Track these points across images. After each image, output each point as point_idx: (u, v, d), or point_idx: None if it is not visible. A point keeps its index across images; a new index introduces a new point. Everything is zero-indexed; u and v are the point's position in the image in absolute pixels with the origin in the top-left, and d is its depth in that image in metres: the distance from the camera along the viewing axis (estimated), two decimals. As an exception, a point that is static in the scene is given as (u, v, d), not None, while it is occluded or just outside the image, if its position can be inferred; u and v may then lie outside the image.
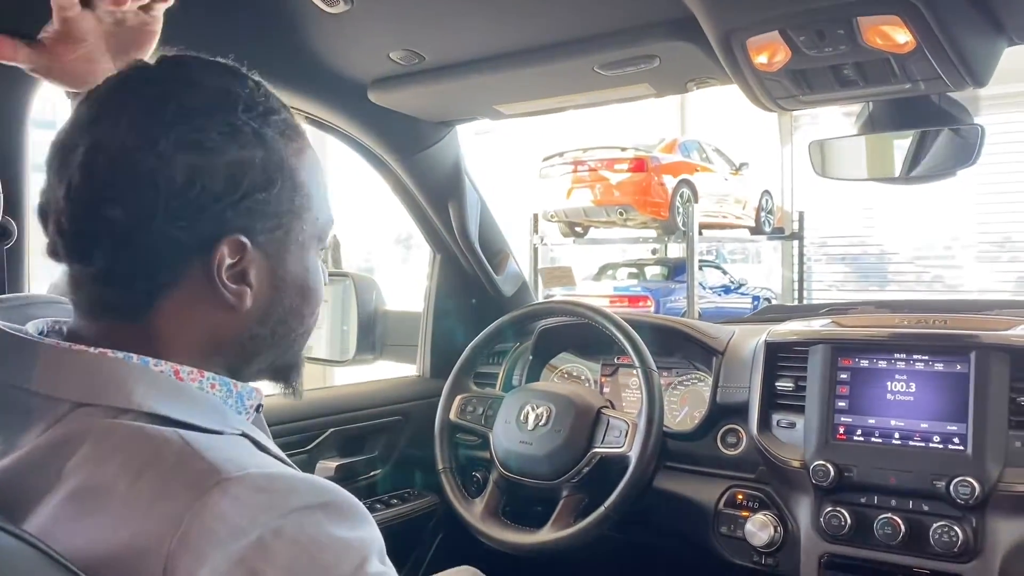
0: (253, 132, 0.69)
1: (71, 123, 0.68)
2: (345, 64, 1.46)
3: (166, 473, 0.60)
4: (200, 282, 0.69)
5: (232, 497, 0.59)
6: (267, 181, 0.70)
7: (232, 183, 0.67)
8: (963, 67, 1.14)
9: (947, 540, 1.30)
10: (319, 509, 0.62)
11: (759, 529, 1.48)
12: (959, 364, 1.39)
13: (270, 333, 0.76)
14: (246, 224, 0.69)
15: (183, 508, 0.58)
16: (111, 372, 0.66)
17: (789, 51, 1.17)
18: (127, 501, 0.59)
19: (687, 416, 1.75)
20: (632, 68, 1.33)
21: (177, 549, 0.56)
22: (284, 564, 0.59)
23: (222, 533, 0.57)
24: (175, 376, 0.69)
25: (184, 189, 0.65)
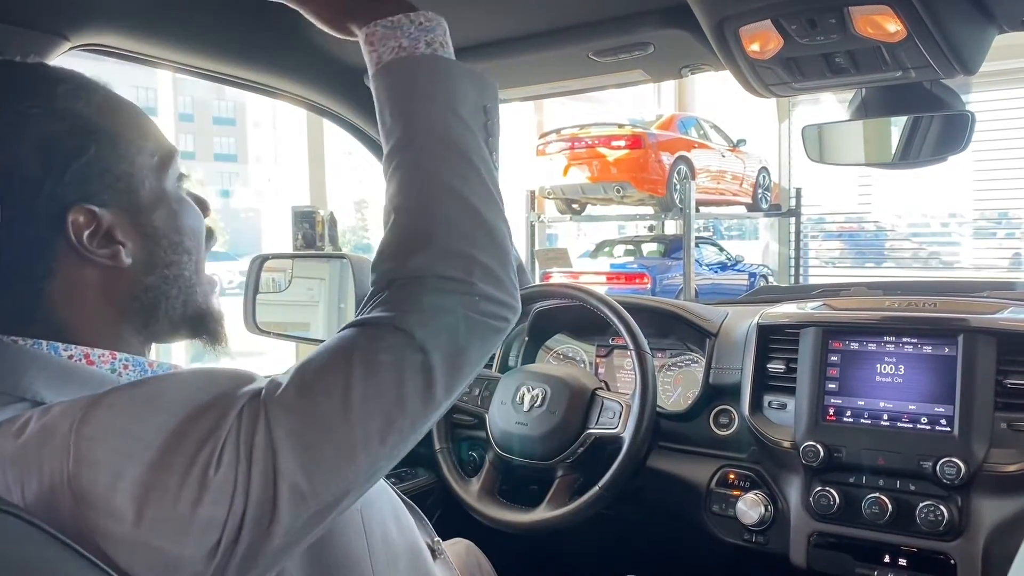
0: (42, 110, 0.70)
1: None
2: (342, 50, 1.46)
3: (47, 418, 0.63)
4: (72, 259, 0.71)
5: (108, 406, 0.62)
6: (79, 147, 0.71)
7: (44, 162, 0.69)
8: (953, 56, 1.15)
9: (933, 519, 1.33)
10: (106, 404, 0.63)
11: (750, 508, 1.51)
12: (947, 347, 1.41)
13: (161, 279, 0.77)
14: (82, 192, 0.71)
15: (66, 434, 0.61)
16: (9, 362, 0.69)
17: (781, 39, 1.18)
18: (20, 459, 0.62)
19: (680, 397, 1.78)
20: (626, 55, 1.34)
21: (74, 470, 0.60)
22: (151, 448, 0.61)
23: (110, 436, 0.61)
24: (85, 360, 0.72)
25: (7, 185, 0.68)
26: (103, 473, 0.60)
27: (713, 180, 9.75)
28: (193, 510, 0.60)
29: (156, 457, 0.61)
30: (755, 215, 11.00)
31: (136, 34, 1.30)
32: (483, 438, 1.69)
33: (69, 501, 0.60)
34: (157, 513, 0.60)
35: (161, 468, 0.61)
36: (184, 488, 0.60)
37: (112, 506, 0.60)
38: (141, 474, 0.60)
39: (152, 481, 0.60)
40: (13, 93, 0.71)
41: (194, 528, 0.60)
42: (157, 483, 0.60)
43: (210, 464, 0.61)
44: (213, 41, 1.37)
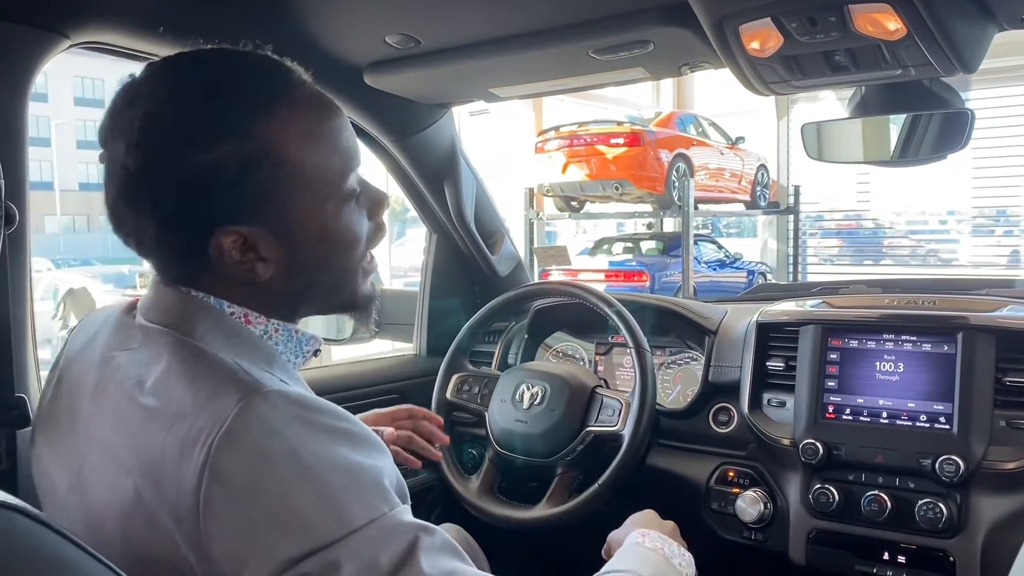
0: (212, 127, 0.74)
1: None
2: (341, 48, 1.46)
3: (217, 382, 0.71)
4: (219, 264, 0.78)
5: (271, 404, 0.69)
6: (243, 169, 0.74)
7: (207, 183, 0.74)
8: (953, 54, 1.15)
9: (932, 516, 1.33)
10: (342, 435, 0.72)
11: (749, 505, 1.51)
12: (946, 345, 1.41)
13: (303, 287, 0.84)
14: (237, 213, 0.76)
15: (230, 407, 0.68)
16: (188, 309, 0.79)
17: (781, 37, 1.18)
18: (183, 403, 0.70)
19: (680, 394, 1.78)
20: (626, 53, 1.34)
21: (220, 440, 0.66)
22: (306, 476, 0.67)
23: (260, 431, 0.67)
24: (244, 320, 0.81)
25: (170, 199, 0.74)
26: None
27: (712, 178, 9.74)
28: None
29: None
30: (754, 213, 10.98)
31: (135, 32, 1.30)
32: (483, 436, 1.69)
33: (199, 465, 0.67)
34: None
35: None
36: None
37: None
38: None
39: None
40: (185, 115, 0.75)
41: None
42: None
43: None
44: (212, 38, 1.36)
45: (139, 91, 0.76)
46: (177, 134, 0.74)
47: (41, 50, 1.18)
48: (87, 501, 0.77)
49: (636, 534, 1.11)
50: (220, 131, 0.74)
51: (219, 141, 0.74)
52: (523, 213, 8.89)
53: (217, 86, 0.76)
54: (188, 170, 0.73)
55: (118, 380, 0.77)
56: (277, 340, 0.84)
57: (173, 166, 0.73)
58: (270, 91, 0.78)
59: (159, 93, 0.75)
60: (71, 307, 7.75)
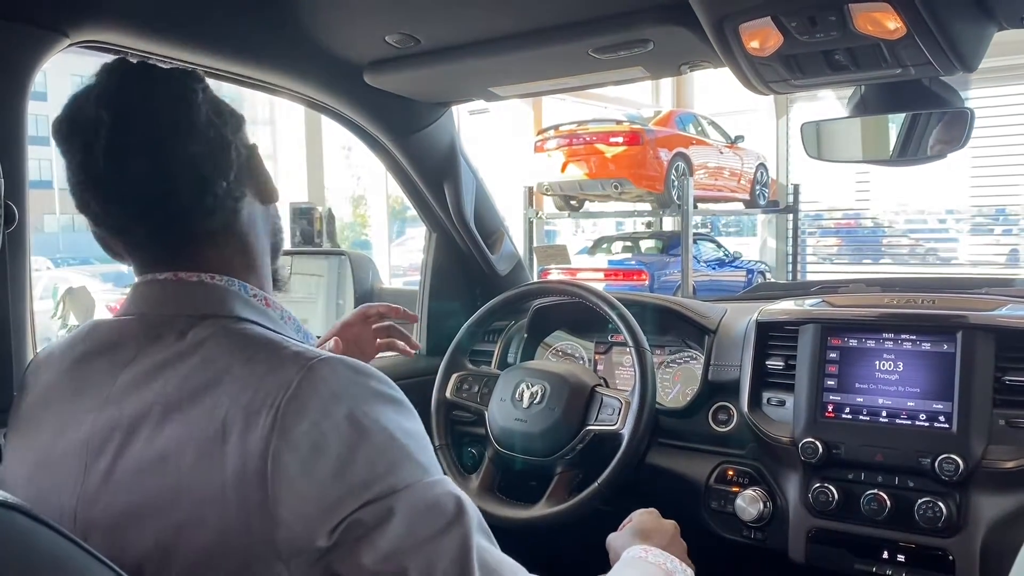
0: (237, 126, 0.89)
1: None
2: (341, 47, 1.46)
3: (274, 355, 0.76)
4: (237, 233, 0.89)
5: (331, 368, 0.75)
6: (248, 150, 0.91)
7: (241, 162, 0.88)
8: (953, 53, 1.15)
9: (931, 515, 1.33)
10: (391, 402, 0.78)
11: (749, 504, 1.51)
12: (946, 344, 1.41)
13: (275, 246, 0.97)
14: (247, 181, 0.91)
15: (293, 374, 0.73)
16: (217, 295, 0.84)
17: (781, 36, 1.18)
18: (242, 378, 0.74)
19: (679, 393, 1.78)
20: (626, 52, 1.34)
21: (287, 403, 0.71)
22: (364, 435, 0.73)
23: (324, 393, 0.73)
24: (264, 303, 0.87)
25: (215, 178, 0.85)
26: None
27: (711, 176, 9.75)
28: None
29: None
30: (753, 211, 11.00)
31: (135, 31, 1.30)
32: (482, 435, 1.69)
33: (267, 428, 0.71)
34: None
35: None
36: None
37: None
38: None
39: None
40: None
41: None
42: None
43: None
44: (212, 37, 1.37)
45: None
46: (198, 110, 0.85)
47: (41, 49, 1.18)
48: (105, 506, 0.76)
49: (639, 548, 1.13)
50: (237, 123, 0.89)
51: (238, 131, 0.89)
52: (522, 212, 8.90)
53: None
54: (238, 148, 0.87)
55: (153, 377, 0.78)
56: (290, 324, 0.90)
57: (231, 145, 0.86)
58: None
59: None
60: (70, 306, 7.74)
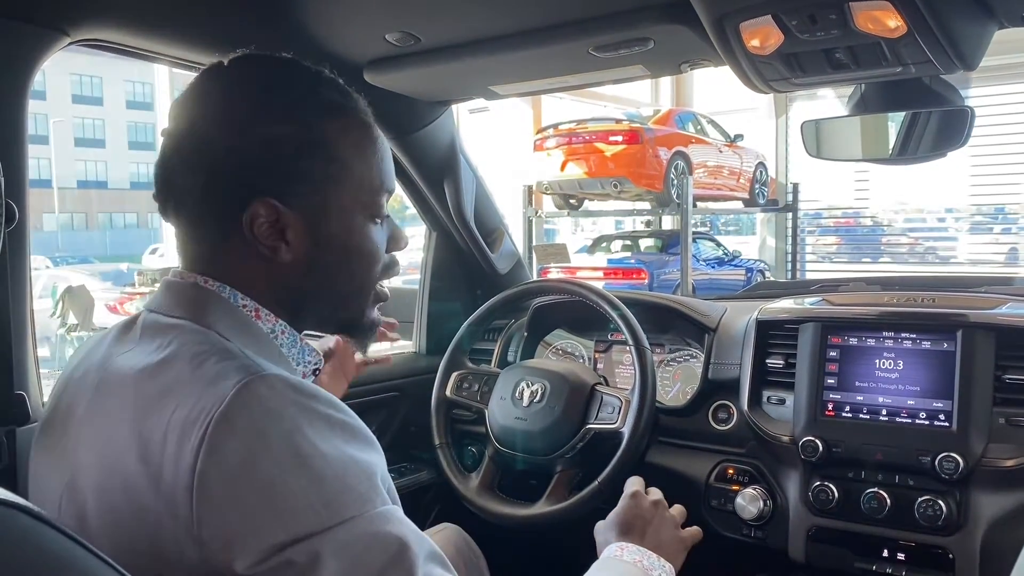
0: (283, 110, 0.82)
1: (170, 119, 0.85)
2: (341, 46, 1.46)
3: (222, 364, 0.73)
4: (244, 237, 0.81)
5: (269, 386, 0.71)
6: (298, 152, 0.82)
7: (263, 154, 0.80)
8: (953, 51, 1.15)
9: (931, 514, 1.33)
10: (339, 425, 0.73)
11: (749, 503, 1.51)
12: (946, 342, 1.42)
13: (316, 285, 0.86)
14: (280, 189, 0.81)
15: (229, 387, 0.70)
16: (201, 299, 0.82)
17: (782, 35, 1.18)
18: (189, 385, 0.72)
19: (679, 392, 1.78)
20: (626, 50, 1.34)
21: (217, 418, 0.68)
22: (300, 460, 0.68)
23: (258, 412, 0.69)
24: (255, 315, 0.84)
25: (225, 159, 0.80)
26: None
27: (710, 175, 9.75)
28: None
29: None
30: (752, 210, 11.00)
31: (135, 29, 1.30)
32: (482, 433, 1.69)
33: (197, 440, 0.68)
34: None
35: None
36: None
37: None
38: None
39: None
40: (269, 86, 0.84)
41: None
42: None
43: None
44: (211, 36, 1.37)
45: (226, 72, 0.85)
46: (253, 106, 0.82)
47: (41, 47, 1.18)
48: (79, 509, 0.78)
49: (615, 547, 1.13)
50: (290, 113, 0.82)
51: (286, 121, 0.81)
52: (522, 211, 8.90)
53: (302, 80, 0.86)
54: (253, 138, 0.80)
55: (121, 374, 0.79)
56: (283, 341, 0.86)
57: (242, 132, 0.80)
58: (342, 103, 0.87)
59: (246, 75, 0.85)
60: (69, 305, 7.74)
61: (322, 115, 0.84)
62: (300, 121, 0.82)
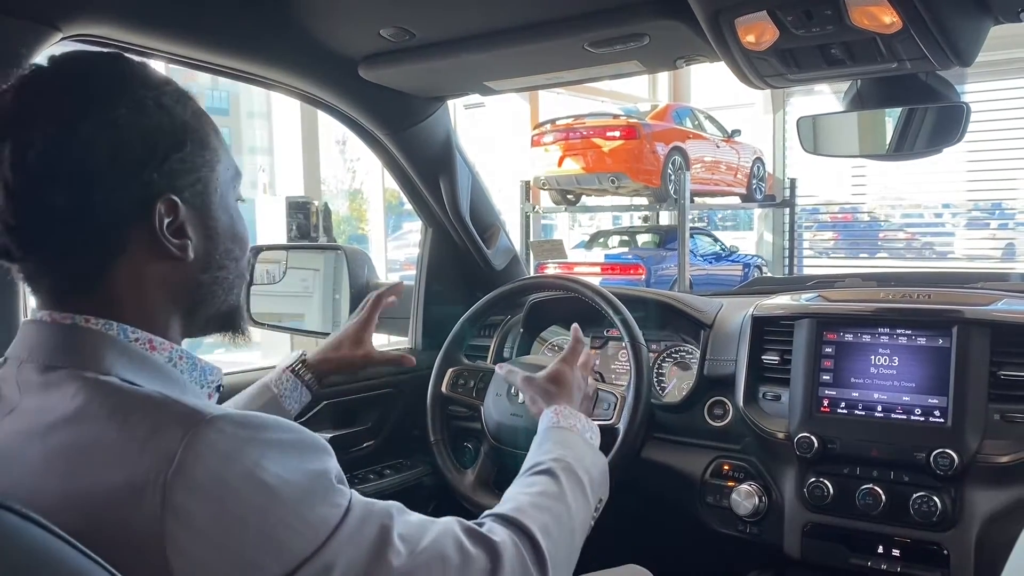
0: (154, 103, 0.77)
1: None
2: (335, 41, 1.46)
3: (153, 417, 0.68)
4: (145, 243, 0.76)
5: (218, 430, 0.67)
6: (178, 143, 0.78)
7: (150, 149, 0.75)
8: (949, 47, 1.15)
9: (926, 510, 1.33)
10: (290, 446, 0.72)
11: (744, 499, 1.51)
12: (941, 338, 1.41)
13: (212, 279, 0.84)
14: (172, 184, 0.77)
15: (175, 443, 0.66)
16: (89, 342, 0.74)
17: (777, 31, 1.18)
18: (118, 445, 0.67)
19: (675, 388, 1.78)
20: (621, 46, 1.34)
21: (173, 479, 0.64)
22: (268, 494, 0.68)
23: (212, 461, 0.66)
24: (149, 347, 0.78)
25: (111, 164, 0.73)
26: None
27: (708, 171, 9.74)
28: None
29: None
30: (750, 206, 11.00)
31: (128, 25, 1.29)
32: (478, 430, 1.69)
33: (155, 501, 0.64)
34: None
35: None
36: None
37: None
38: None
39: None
40: (129, 82, 0.77)
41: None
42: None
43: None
44: (206, 32, 1.36)
45: (67, 72, 0.77)
46: (124, 102, 0.75)
47: (32, 43, 1.17)
48: None
49: (550, 413, 1.20)
50: (158, 104, 0.77)
51: (157, 112, 0.76)
52: (519, 206, 8.90)
53: (145, 72, 0.80)
54: (132, 135, 0.74)
55: (13, 443, 0.70)
56: (183, 368, 0.81)
57: (120, 130, 0.74)
58: (183, 90, 0.82)
59: (96, 71, 0.77)
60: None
61: (179, 102, 0.80)
62: (168, 110, 0.78)
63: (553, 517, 0.94)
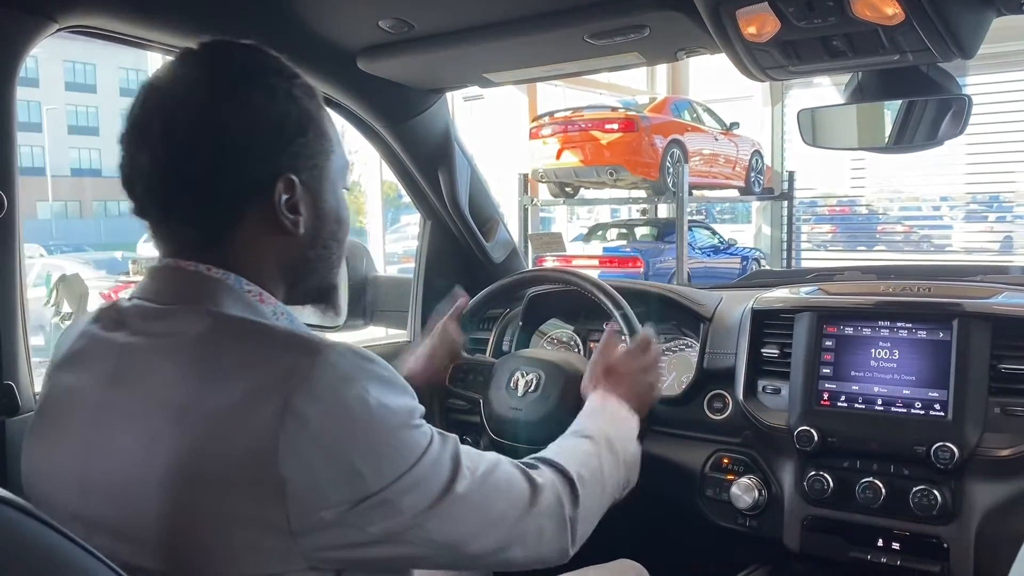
0: (285, 92, 0.86)
1: (141, 105, 0.85)
2: (334, 32, 1.45)
3: (277, 341, 0.80)
4: (263, 214, 0.85)
5: (340, 355, 0.78)
6: (302, 130, 0.87)
7: (278, 133, 0.85)
8: (951, 39, 1.14)
9: (926, 503, 1.33)
10: (390, 382, 0.82)
11: (744, 492, 1.51)
12: (941, 332, 1.41)
13: (316, 256, 0.93)
14: (293, 165, 0.86)
15: (300, 361, 0.76)
16: (208, 287, 0.84)
17: (778, 22, 1.17)
18: (244, 362, 0.77)
19: (674, 381, 1.77)
20: (622, 38, 1.33)
21: (296, 387, 0.74)
22: (371, 418, 0.78)
23: (332, 380, 0.76)
24: (259, 298, 0.87)
25: (245, 142, 0.82)
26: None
27: (706, 163, 9.73)
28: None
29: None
30: (748, 198, 10.99)
31: (123, 15, 1.28)
32: (478, 424, 1.68)
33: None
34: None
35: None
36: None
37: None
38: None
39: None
40: (265, 71, 0.86)
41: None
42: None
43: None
44: (202, 22, 1.35)
45: (212, 57, 0.87)
46: (260, 89, 0.84)
47: (28, 34, 1.16)
48: (102, 497, 0.79)
49: (599, 395, 1.27)
50: (288, 94, 0.86)
51: (287, 101, 0.85)
52: (517, 199, 8.88)
53: (279, 63, 0.89)
54: (264, 120, 0.84)
55: (143, 360, 0.81)
56: (283, 323, 0.89)
57: (255, 114, 0.83)
58: (310, 84, 0.90)
59: (239, 59, 0.86)
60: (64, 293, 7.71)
61: (306, 94, 0.88)
62: (296, 100, 0.86)
63: (589, 471, 1.05)
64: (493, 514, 0.88)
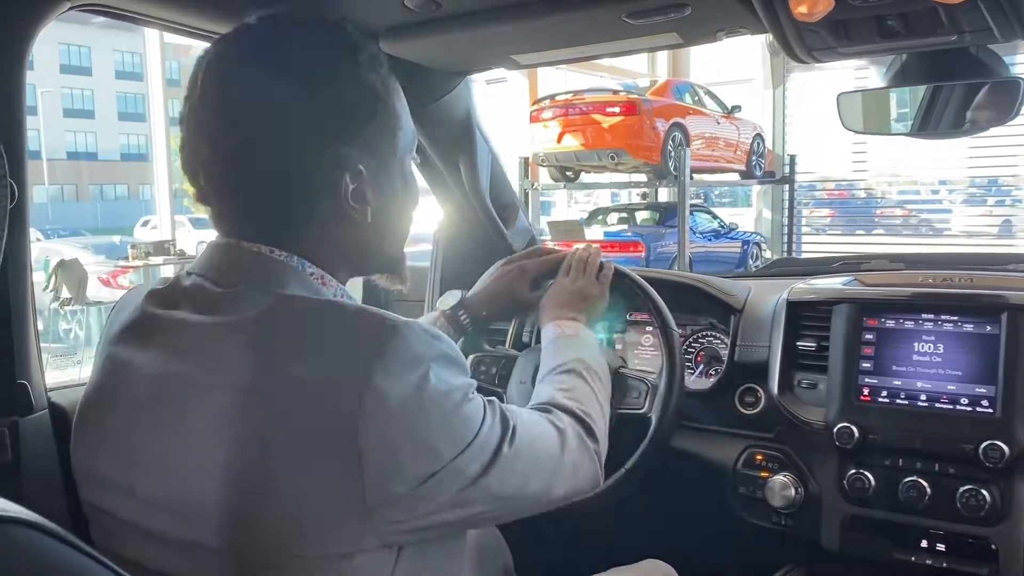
0: (351, 76, 0.83)
1: (200, 91, 0.82)
2: (358, 12, 1.38)
3: (353, 319, 0.79)
4: (327, 205, 0.84)
5: (414, 333, 0.78)
6: (369, 115, 0.85)
7: (343, 122, 0.83)
8: (1016, 17, 1.08)
9: (974, 504, 1.28)
10: (454, 360, 0.83)
11: (780, 490, 1.46)
12: (989, 325, 1.36)
13: (381, 238, 0.92)
14: (359, 155, 0.84)
15: (378, 337, 0.76)
16: (273, 269, 0.83)
17: (832, 0, 1.11)
18: (323, 336, 0.77)
19: (702, 374, 1.72)
20: (661, 17, 1.26)
21: (375, 363, 0.74)
22: (443, 391, 0.78)
23: (408, 358, 0.77)
24: (321, 281, 0.86)
25: (306, 135, 0.81)
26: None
27: (708, 147, 9.68)
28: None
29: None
30: (749, 182, 10.96)
31: None
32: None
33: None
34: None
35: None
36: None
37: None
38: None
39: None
40: (325, 51, 0.83)
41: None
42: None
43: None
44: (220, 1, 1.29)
45: (272, 35, 0.84)
46: (325, 69, 0.82)
47: (39, 13, 1.10)
48: (181, 474, 0.77)
49: (553, 327, 1.27)
50: (354, 73, 0.83)
51: (352, 81, 0.83)
52: (518, 183, 8.82)
53: (342, 36, 0.86)
54: (332, 104, 0.81)
55: (209, 338, 0.80)
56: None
57: (323, 98, 0.81)
58: (376, 53, 0.87)
59: (301, 38, 0.83)
60: (62, 278, 7.65)
61: (372, 69, 0.85)
62: (361, 82, 0.84)
63: (590, 404, 1.10)
64: (540, 459, 0.92)
